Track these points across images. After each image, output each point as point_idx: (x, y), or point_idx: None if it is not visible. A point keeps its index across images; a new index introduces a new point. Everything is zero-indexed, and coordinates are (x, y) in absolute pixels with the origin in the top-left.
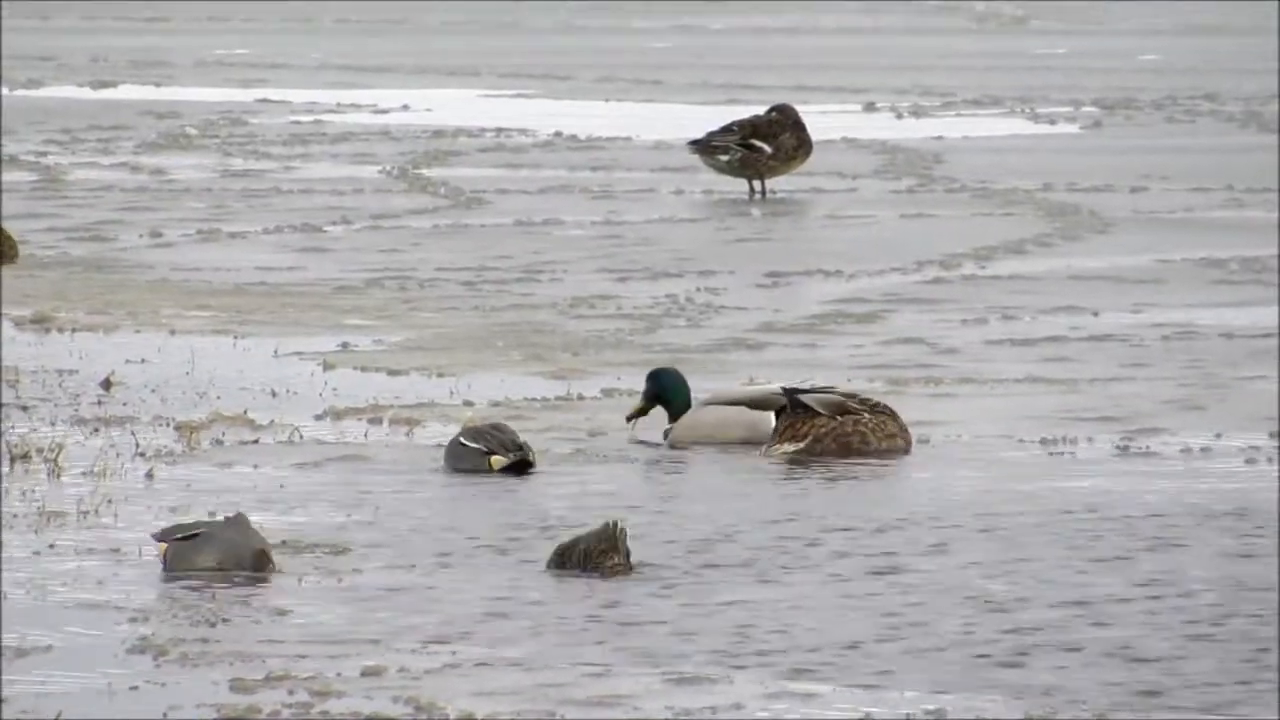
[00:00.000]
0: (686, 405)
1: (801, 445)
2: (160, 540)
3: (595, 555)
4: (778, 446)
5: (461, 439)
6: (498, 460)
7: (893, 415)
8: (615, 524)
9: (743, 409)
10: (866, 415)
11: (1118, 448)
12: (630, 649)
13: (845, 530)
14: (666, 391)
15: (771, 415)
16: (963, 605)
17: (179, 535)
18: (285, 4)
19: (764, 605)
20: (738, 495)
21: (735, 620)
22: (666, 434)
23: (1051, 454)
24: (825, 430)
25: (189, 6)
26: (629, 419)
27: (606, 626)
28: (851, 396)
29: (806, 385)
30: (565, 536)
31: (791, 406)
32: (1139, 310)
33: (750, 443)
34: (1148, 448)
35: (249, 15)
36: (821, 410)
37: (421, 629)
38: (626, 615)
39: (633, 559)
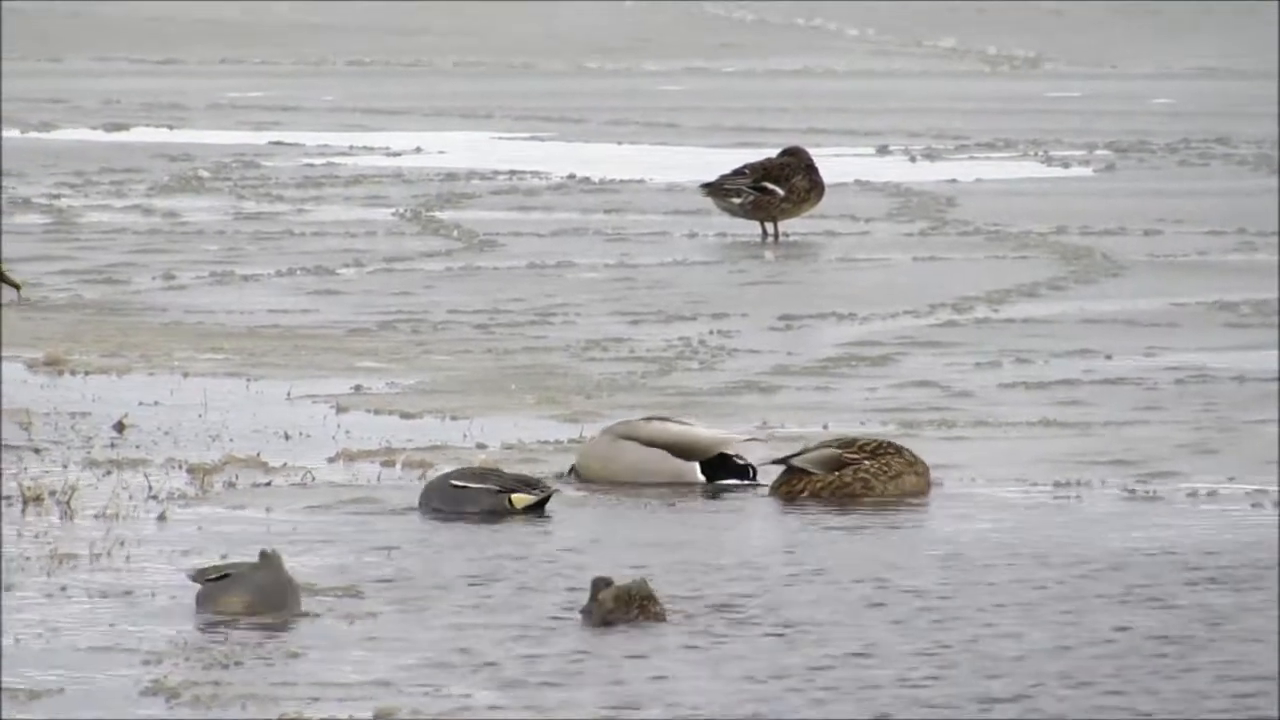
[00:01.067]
0: None
1: (795, 500)
2: (194, 580)
3: (631, 602)
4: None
5: (454, 481)
6: (521, 499)
7: (898, 451)
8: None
9: (665, 455)
10: (867, 462)
11: (1126, 491)
12: (644, 695)
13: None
14: None
15: (696, 466)
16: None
17: (211, 577)
18: (298, 47)
19: (782, 655)
20: (750, 542)
21: (755, 667)
22: (573, 470)
23: (1056, 498)
24: (822, 485)
25: (202, 49)
26: None
27: (620, 672)
28: (848, 445)
29: (745, 436)
30: (587, 583)
31: (786, 470)
32: (1152, 353)
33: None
34: (1153, 492)
35: (262, 58)
36: (816, 470)
37: (434, 672)
38: (641, 662)
39: (662, 607)
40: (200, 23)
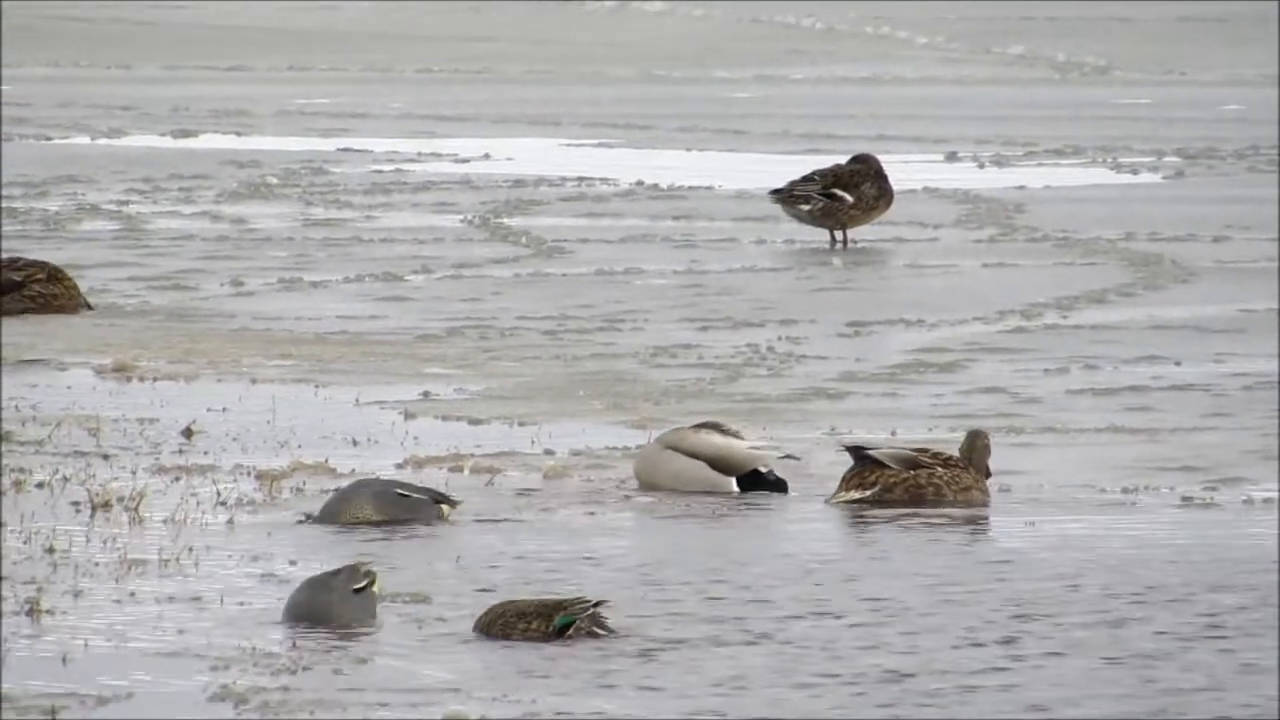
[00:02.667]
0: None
1: (868, 494)
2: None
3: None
4: (842, 494)
5: (401, 490)
6: (447, 510)
7: (965, 468)
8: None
9: (703, 465)
10: (940, 469)
11: (1184, 499)
12: (707, 702)
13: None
14: None
15: (733, 481)
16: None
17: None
18: (366, 53)
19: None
20: (784, 554)
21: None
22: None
23: (1114, 503)
24: (896, 481)
25: (270, 56)
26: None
27: (680, 680)
28: (923, 452)
29: (781, 454)
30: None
31: (858, 461)
32: (1221, 360)
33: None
34: (1210, 500)
35: (330, 65)
36: (892, 464)
37: (502, 677)
38: (703, 669)
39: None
40: (268, 30)
